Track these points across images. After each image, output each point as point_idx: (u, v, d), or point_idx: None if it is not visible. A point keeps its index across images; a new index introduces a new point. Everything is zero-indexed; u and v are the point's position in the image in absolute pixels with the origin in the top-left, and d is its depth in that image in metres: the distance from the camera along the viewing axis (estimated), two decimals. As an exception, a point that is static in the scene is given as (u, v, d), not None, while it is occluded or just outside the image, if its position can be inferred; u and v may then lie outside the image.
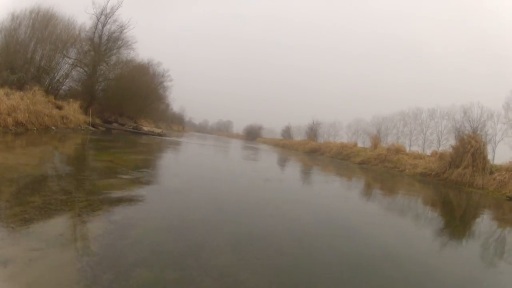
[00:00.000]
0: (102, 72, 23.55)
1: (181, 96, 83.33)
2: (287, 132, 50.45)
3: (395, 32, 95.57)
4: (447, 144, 28.90)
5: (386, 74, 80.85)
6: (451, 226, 5.46)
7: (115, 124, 22.83)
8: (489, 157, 13.46)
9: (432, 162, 14.02)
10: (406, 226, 5.06)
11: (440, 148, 26.59)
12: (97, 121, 19.26)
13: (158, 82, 44.97)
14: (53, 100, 13.92)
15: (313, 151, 28.34)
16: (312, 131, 38.57)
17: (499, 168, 11.83)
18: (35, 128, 11.80)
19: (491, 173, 11.65)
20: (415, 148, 29.33)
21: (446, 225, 5.53)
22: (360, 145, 32.32)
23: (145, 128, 22.33)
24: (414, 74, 73.34)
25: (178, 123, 56.16)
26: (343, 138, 38.79)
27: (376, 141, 23.05)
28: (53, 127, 12.69)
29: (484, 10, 73.34)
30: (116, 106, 24.67)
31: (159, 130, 22.87)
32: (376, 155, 18.16)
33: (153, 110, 31.21)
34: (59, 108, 13.68)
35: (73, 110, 14.20)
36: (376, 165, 17.29)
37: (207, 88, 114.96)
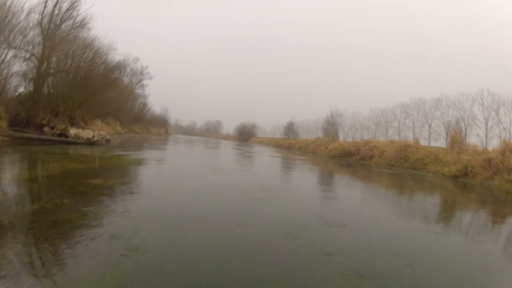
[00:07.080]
0: (55, 64, 18.84)
1: (166, 99, 78.87)
2: (290, 129, 39.47)
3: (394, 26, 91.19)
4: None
5: (384, 69, 77.71)
6: None
7: (46, 129, 17.46)
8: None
9: None
10: None
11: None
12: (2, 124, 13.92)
13: (137, 80, 40.06)
14: None
15: (345, 154, 19.90)
16: (332, 126, 27.94)
17: None
18: None
19: None
20: (422, 142, 24.18)
21: None
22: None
23: (72, 133, 16.34)
24: (414, 67, 70.03)
25: (160, 125, 50.67)
26: (339, 135, 35.07)
27: (457, 137, 14.52)
28: None
29: (487, 8, 70.93)
30: (53, 104, 19.35)
31: (89, 134, 16.27)
32: (483, 162, 10.81)
33: (107, 106, 25.45)
34: None
35: None
36: (491, 180, 10.20)
37: (195, 90, 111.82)
